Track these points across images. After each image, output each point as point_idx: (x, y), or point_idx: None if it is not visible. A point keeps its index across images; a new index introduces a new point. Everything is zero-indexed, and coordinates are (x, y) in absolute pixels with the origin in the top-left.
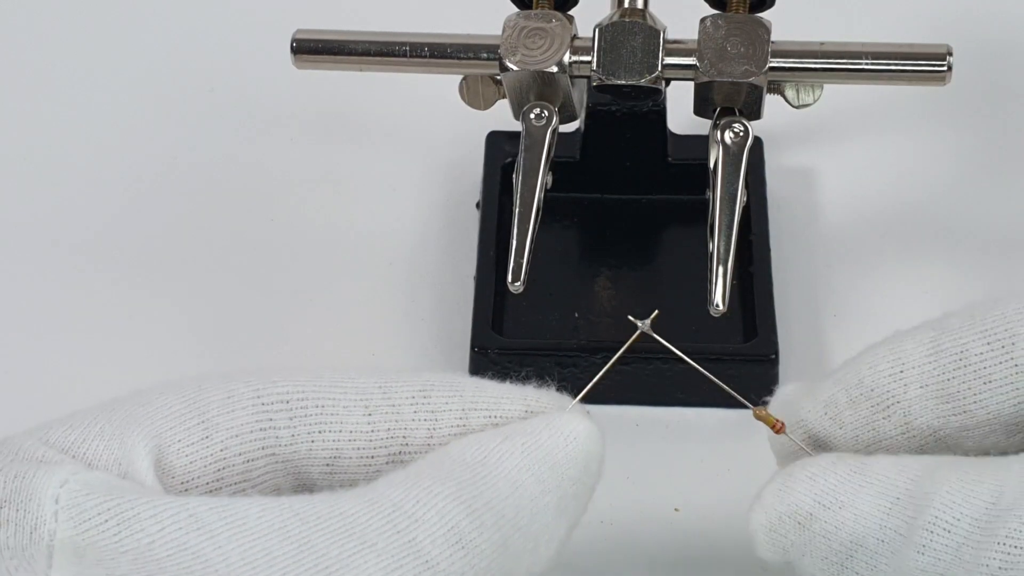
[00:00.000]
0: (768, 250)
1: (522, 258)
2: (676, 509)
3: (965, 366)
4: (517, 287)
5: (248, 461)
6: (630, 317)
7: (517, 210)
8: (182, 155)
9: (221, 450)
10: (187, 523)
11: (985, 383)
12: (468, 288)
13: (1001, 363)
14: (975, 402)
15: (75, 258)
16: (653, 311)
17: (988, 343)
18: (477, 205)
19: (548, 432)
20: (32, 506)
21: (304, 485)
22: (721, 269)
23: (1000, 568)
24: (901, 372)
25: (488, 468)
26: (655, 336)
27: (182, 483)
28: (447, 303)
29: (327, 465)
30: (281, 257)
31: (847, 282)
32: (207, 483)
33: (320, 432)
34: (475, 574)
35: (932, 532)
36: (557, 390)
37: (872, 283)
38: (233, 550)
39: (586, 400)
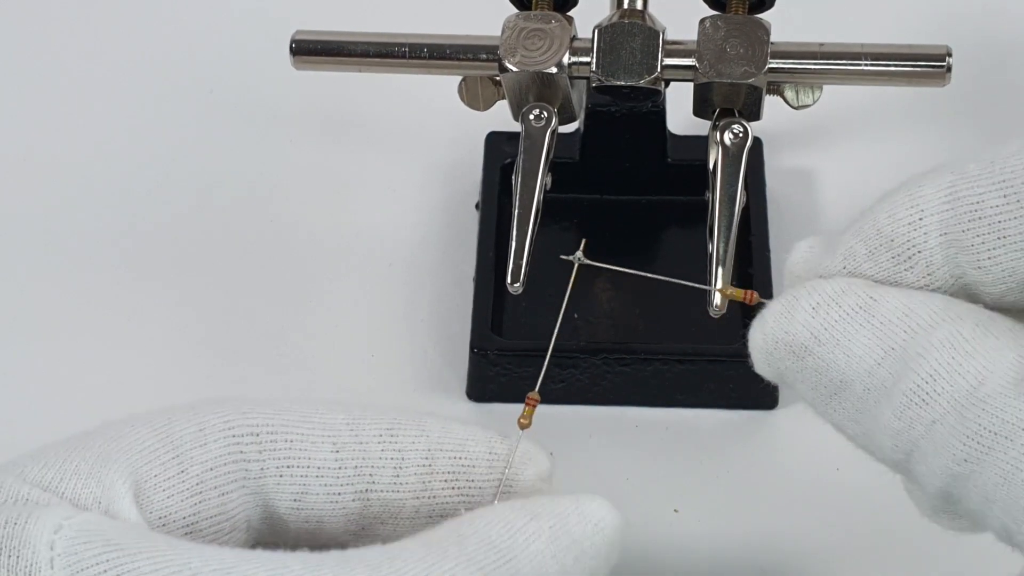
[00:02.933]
0: (768, 250)
1: (521, 259)
2: (676, 509)
3: (980, 218)
4: (516, 288)
5: (223, 495)
6: (563, 256)
7: (516, 211)
8: (181, 156)
9: (197, 484)
10: None
11: (999, 238)
12: (468, 289)
13: (1016, 218)
14: (989, 258)
15: (73, 259)
16: (582, 241)
17: (1004, 195)
18: (477, 205)
19: (577, 518)
20: (27, 552)
21: (271, 519)
22: (721, 270)
23: (965, 460)
24: (921, 220)
25: (514, 553)
26: (592, 263)
27: (160, 518)
28: (447, 303)
29: (295, 500)
30: (281, 258)
31: None
32: (184, 517)
33: (288, 467)
34: None
35: (910, 400)
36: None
37: None
38: None
39: (585, 400)
